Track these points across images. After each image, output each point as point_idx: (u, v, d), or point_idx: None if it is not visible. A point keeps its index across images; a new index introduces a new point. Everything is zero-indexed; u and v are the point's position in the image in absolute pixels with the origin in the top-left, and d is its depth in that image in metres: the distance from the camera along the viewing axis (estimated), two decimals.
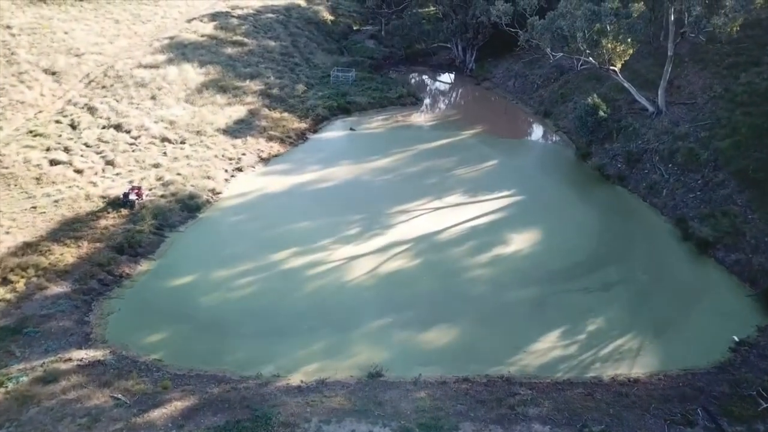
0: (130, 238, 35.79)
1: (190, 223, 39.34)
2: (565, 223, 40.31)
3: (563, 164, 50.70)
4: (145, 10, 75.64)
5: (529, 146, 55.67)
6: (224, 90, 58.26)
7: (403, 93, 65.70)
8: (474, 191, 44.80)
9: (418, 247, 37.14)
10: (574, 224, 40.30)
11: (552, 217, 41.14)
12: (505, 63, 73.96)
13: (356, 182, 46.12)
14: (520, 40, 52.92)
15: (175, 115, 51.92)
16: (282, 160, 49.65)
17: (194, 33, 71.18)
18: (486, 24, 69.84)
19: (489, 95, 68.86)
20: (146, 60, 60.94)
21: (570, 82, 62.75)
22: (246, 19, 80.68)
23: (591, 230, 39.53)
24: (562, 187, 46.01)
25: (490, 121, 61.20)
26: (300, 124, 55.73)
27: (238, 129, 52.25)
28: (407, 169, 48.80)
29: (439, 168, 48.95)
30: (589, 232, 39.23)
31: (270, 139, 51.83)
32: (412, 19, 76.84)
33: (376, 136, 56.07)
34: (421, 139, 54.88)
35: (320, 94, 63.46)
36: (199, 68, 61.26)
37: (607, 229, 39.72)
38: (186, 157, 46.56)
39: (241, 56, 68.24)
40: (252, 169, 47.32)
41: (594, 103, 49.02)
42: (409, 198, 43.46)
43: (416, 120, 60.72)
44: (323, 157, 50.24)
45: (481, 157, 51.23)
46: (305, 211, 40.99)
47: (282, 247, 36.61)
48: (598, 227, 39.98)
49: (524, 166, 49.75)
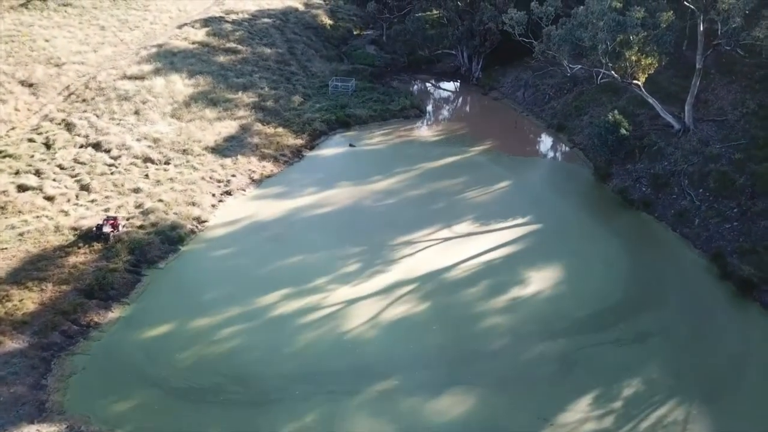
0: (102, 278, 31.72)
1: (171, 258, 35.28)
2: (588, 259, 36.25)
3: (581, 186, 46.61)
4: (134, 16, 71.63)
5: (542, 165, 51.59)
6: (214, 103, 54.21)
7: (406, 105, 61.61)
8: (486, 218, 40.73)
9: (425, 288, 33.08)
10: (598, 259, 36.23)
11: (573, 250, 37.08)
12: (514, 71, 69.82)
13: (356, 208, 42.06)
14: (535, 51, 48.84)
15: (160, 132, 47.86)
16: (275, 181, 45.59)
17: (184, 40, 67.17)
18: (494, 31, 65.80)
19: (497, 106, 64.75)
20: (131, 70, 56.90)
21: (585, 93, 58.66)
22: (240, 25, 76.66)
23: (617, 267, 35.47)
24: (581, 214, 41.95)
25: (499, 136, 57.10)
26: (295, 140, 51.66)
27: (228, 147, 48.18)
28: (412, 191, 44.73)
29: (447, 190, 44.89)
30: (615, 270, 35.16)
31: (263, 157, 47.78)
32: (415, 24, 72.71)
33: (377, 153, 52.00)
34: (426, 157, 50.81)
35: (318, 105, 59.42)
36: (187, 79, 57.22)
37: (636, 266, 35.66)
38: (170, 180, 42.50)
39: (234, 65, 64.21)
40: (242, 192, 43.27)
41: (615, 120, 44.97)
42: (414, 226, 39.41)
43: (420, 134, 56.67)
44: (320, 178, 46.18)
45: (492, 177, 47.15)
46: (299, 244, 36.95)
47: (272, 288, 32.56)
48: (625, 263, 35.92)
49: (539, 189, 45.67)
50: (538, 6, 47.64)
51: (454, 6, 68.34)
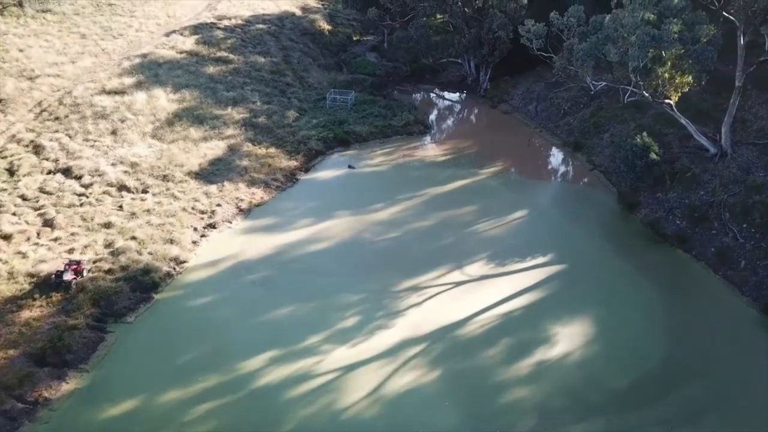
0: (57, 339, 27.15)
1: (143, 309, 30.68)
2: (620, 308, 31.67)
3: (605, 216, 41.96)
4: (118, 23, 67.02)
5: (560, 190, 46.90)
6: (201, 120, 49.58)
7: (410, 120, 56.96)
8: (501, 257, 36.13)
9: (435, 349, 28.46)
10: (632, 309, 31.66)
11: (603, 297, 32.50)
12: (525, 82, 65.17)
13: (355, 243, 37.46)
14: (555, 67, 44.13)
15: (138, 156, 43.24)
16: (266, 210, 40.98)
17: (172, 49, 62.56)
18: (504, 39, 61.18)
19: (507, 121, 60.07)
20: (111, 84, 52.29)
21: (604, 108, 53.99)
22: (233, 32, 72.04)
23: (655, 319, 30.88)
24: (608, 250, 37.32)
25: (511, 155, 52.46)
26: (289, 161, 47.04)
27: (214, 171, 43.57)
28: (417, 222, 40.13)
29: (457, 221, 40.30)
30: (653, 323, 30.58)
31: (252, 183, 43.16)
32: (419, 31, 68.08)
33: (378, 176, 47.36)
34: (432, 180, 46.20)
35: (314, 121, 54.79)
36: (172, 93, 52.58)
37: (676, 318, 31.05)
38: (146, 212, 37.88)
39: (225, 76, 59.59)
40: (228, 225, 38.67)
41: (644, 143, 40.34)
42: (421, 267, 34.84)
43: (425, 153, 52.01)
44: (315, 207, 41.57)
45: (506, 205, 42.55)
46: (289, 290, 32.38)
47: (257, 349, 27.99)
48: (663, 314, 31.32)
49: (558, 219, 41.01)
50: (559, 17, 42.89)
51: (461, 12, 63.69)
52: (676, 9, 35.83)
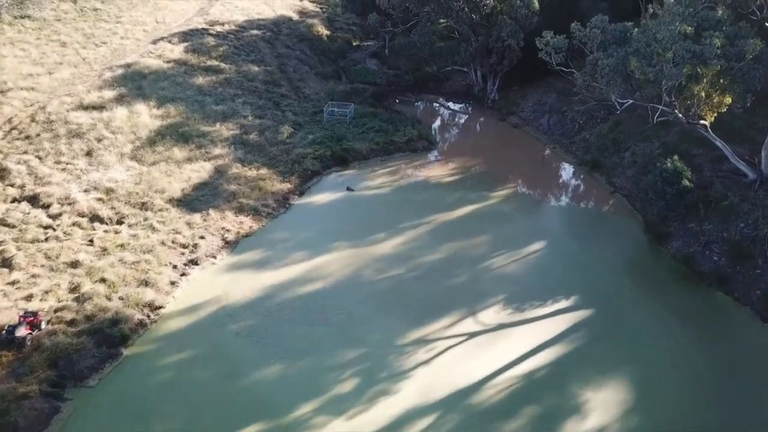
0: (2, 414, 23.02)
1: (108, 368, 26.59)
2: (659, 367, 27.65)
3: (632, 249, 37.87)
4: (102, 30, 62.82)
5: (579, 217, 42.74)
6: (186, 138, 45.42)
7: (413, 135, 52.77)
8: (519, 300, 32.05)
9: (448, 422, 24.36)
10: (672, 368, 27.64)
11: (637, 352, 28.48)
12: (535, 93, 61.03)
13: (354, 283, 33.36)
14: (577, 84, 39.99)
15: (115, 181, 39.11)
16: (255, 242, 36.87)
17: (158, 58, 58.38)
18: (514, 48, 57.08)
19: (518, 136, 55.93)
20: (89, 98, 48.09)
21: (623, 123, 49.85)
22: (225, 38, 67.81)
23: (701, 381, 26.81)
24: (638, 291, 33.23)
25: (523, 175, 48.44)
26: (282, 184, 42.91)
27: (199, 197, 39.44)
28: (424, 256, 36.05)
29: (468, 255, 36.22)
30: (698, 386, 26.57)
31: (240, 210, 39.06)
32: (423, 38, 63.97)
33: (380, 200, 43.23)
34: (439, 205, 42.10)
35: (310, 137, 50.65)
36: (156, 108, 48.42)
37: (723, 378, 26.99)
38: (120, 247, 33.77)
39: (215, 87, 55.45)
40: (212, 260, 34.56)
41: (675, 168, 36.24)
42: (429, 313, 30.78)
43: (431, 173, 47.81)
44: (310, 238, 37.48)
45: (521, 235, 38.49)
46: (278, 344, 28.33)
47: (237, 422, 23.91)
48: (708, 373, 27.28)
49: (580, 253, 36.91)
50: (581, 28, 38.68)
51: (468, 19, 59.55)
52: (715, 21, 31.74)
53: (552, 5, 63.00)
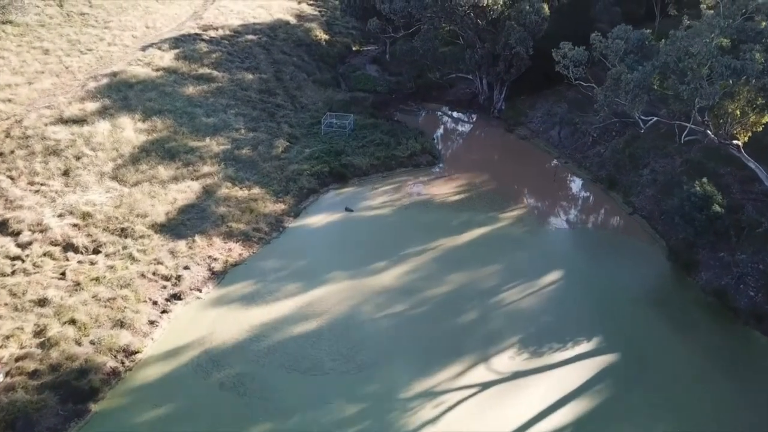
0: None
1: (72, 430, 23.42)
2: (697, 422, 24.44)
3: (657, 280, 34.73)
4: (88, 36, 59.63)
5: (596, 241, 39.48)
6: (172, 155, 42.28)
7: (416, 149, 49.57)
8: (536, 342, 28.90)
9: None
10: (712, 422, 24.48)
11: (671, 403, 25.30)
12: (545, 103, 57.86)
13: (352, 322, 30.20)
14: (597, 100, 36.74)
15: (93, 204, 35.95)
16: (244, 273, 33.72)
17: (147, 66, 55.20)
18: (523, 56, 53.92)
19: (526, 149, 52.74)
20: (70, 110, 44.92)
21: (641, 137, 46.55)
22: (219, 44, 64.63)
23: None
24: (667, 330, 30.08)
25: (535, 193, 45.36)
26: (275, 204, 39.80)
27: (184, 222, 36.29)
28: (430, 289, 32.90)
29: (477, 287, 33.08)
30: None
31: (229, 235, 35.93)
32: (426, 44, 60.78)
33: (381, 222, 40.05)
34: (444, 228, 38.96)
35: (307, 151, 47.57)
36: (141, 122, 45.26)
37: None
38: (95, 281, 30.63)
39: (205, 98, 52.30)
40: (197, 294, 31.43)
41: (705, 192, 33.04)
42: (436, 359, 27.65)
43: (435, 191, 44.61)
44: (304, 267, 34.35)
45: (535, 263, 35.33)
46: (267, 396, 25.22)
47: None
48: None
49: (599, 284, 33.72)
50: (602, 39, 35.42)
51: (473, 25, 56.35)
52: (754, 33, 28.57)
53: (562, 10, 59.90)
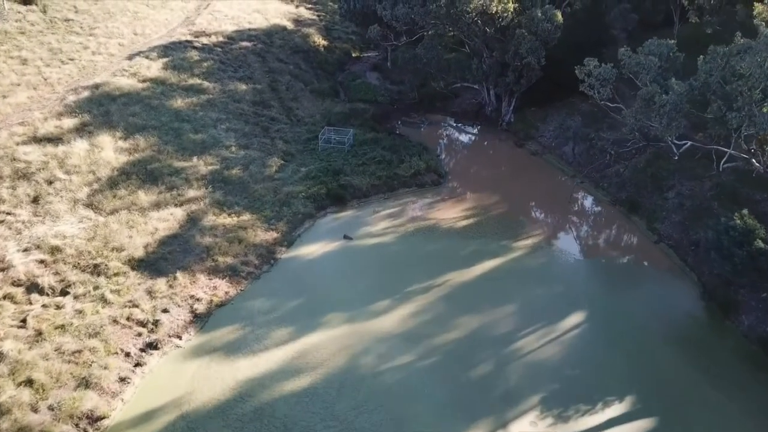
0: None
1: None
2: None
3: (692, 324, 31.11)
4: (71, 44, 56.05)
5: (622, 275, 35.78)
6: (155, 178, 38.73)
7: (420, 168, 45.96)
8: (560, 402, 25.37)
9: None
10: None
11: None
12: (556, 115, 54.28)
13: (350, 377, 26.65)
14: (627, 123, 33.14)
15: (63, 236, 32.40)
16: (230, 315, 30.19)
17: (132, 77, 51.64)
18: (534, 66, 50.38)
19: (538, 166, 49.15)
20: (46, 128, 41.37)
21: (662, 157, 43.03)
22: (211, 52, 61.09)
23: None
24: (710, 387, 26.57)
25: (549, 218, 41.92)
26: (267, 233, 36.29)
27: (165, 256, 32.71)
28: (437, 335, 29.37)
29: (491, 333, 29.57)
30: None
31: (215, 270, 32.40)
32: (430, 53, 57.26)
33: (382, 252, 36.49)
34: (453, 260, 35.45)
35: (303, 171, 44.08)
36: (123, 140, 41.72)
37: None
38: (59, 329, 27.09)
39: (194, 111, 48.74)
40: (176, 343, 27.93)
41: (745, 225, 29.51)
42: (446, 424, 24.05)
43: (441, 215, 41.04)
44: (298, 308, 30.84)
45: (554, 303, 31.81)
46: None
47: None
48: None
49: (630, 330, 30.14)
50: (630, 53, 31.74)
51: (481, 33, 52.77)
52: None
53: (575, 16, 56.38)
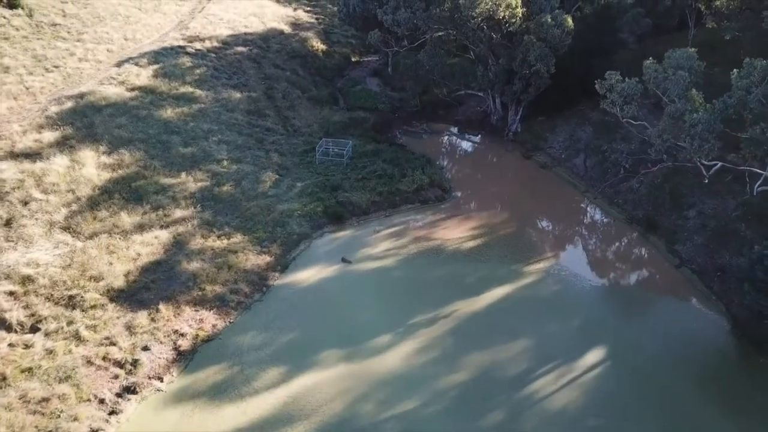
0: None
1: None
2: None
3: (723, 363, 28.52)
4: (57, 50, 53.41)
5: (643, 305, 33.05)
6: (139, 197, 36.11)
7: (423, 182, 43.35)
8: None
9: None
10: None
11: None
12: (566, 126, 51.68)
13: (349, 427, 24.03)
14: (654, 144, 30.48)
15: (37, 264, 29.77)
16: (217, 351, 27.60)
17: (120, 85, 49.04)
18: (543, 74, 47.75)
19: (548, 180, 46.55)
20: (24, 142, 38.76)
21: (681, 171, 40.36)
22: (204, 58, 58.52)
23: None
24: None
25: (562, 238, 39.44)
26: (259, 257, 33.71)
27: (147, 285, 30.11)
28: (444, 376, 26.79)
29: (503, 373, 27.02)
30: None
31: (202, 301, 29.81)
32: (433, 60, 54.69)
33: (383, 278, 33.86)
34: (460, 287, 32.88)
35: (299, 186, 41.52)
36: (107, 155, 39.12)
37: None
38: (27, 372, 24.51)
39: (185, 122, 46.14)
40: (157, 385, 25.33)
41: None
42: None
43: (447, 235, 38.43)
44: (291, 344, 28.28)
45: (572, 336, 29.28)
46: None
47: None
48: None
49: (655, 370, 27.54)
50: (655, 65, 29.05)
51: (487, 39, 50.12)
52: None
53: (586, 21, 53.81)
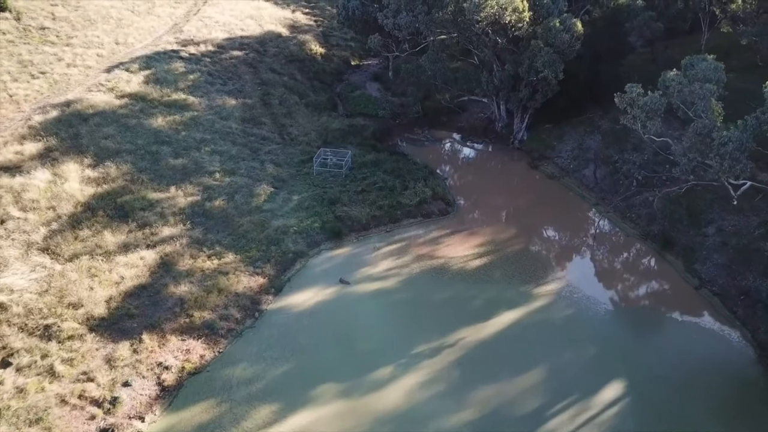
0: None
1: None
2: None
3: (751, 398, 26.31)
4: (45, 55, 51.33)
5: (661, 331, 30.91)
6: (125, 214, 34.03)
7: (426, 195, 41.22)
8: None
9: None
10: None
11: None
12: (574, 134, 49.56)
13: None
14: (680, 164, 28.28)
15: (11, 290, 27.67)
16: (204, 386, 25.52)
17: (109, 92, 46.99)
18: (551, 80, 45.60)
19: (555, 191, 44.39)
20: (4, 155, 36.68)
21: (699, 185, 38.19)
22: (199, 63, 56.46)
23: None
24: None
25: (573, 256, 37.40)
26: (252, 278, 31.63)
27: (130, 311, 28.02)
28: (449, 415, 24.74)
29: (514, 412, 24.94)
30: None
31: (189, 329, 27.72)
32: (435, 65, 52.58)
33: (385, 301, 31.77)
34: (465, 311, 30.80)
35: (295, 200, 39.44)
36: (91, 168, 37.05)
37: None
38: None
39: (177, 131, 44.08)
40: (138, 426, 23.31)
41: None
42: None
43: (451, 253, 36.28)
44: (284, 378, 26.20)
45: (587, 368, 27.18)
46: None
47: None
48: None
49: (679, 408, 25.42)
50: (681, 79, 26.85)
51: (491, 44, 47.94)
52: None
53: (595, 25, 51.63)
